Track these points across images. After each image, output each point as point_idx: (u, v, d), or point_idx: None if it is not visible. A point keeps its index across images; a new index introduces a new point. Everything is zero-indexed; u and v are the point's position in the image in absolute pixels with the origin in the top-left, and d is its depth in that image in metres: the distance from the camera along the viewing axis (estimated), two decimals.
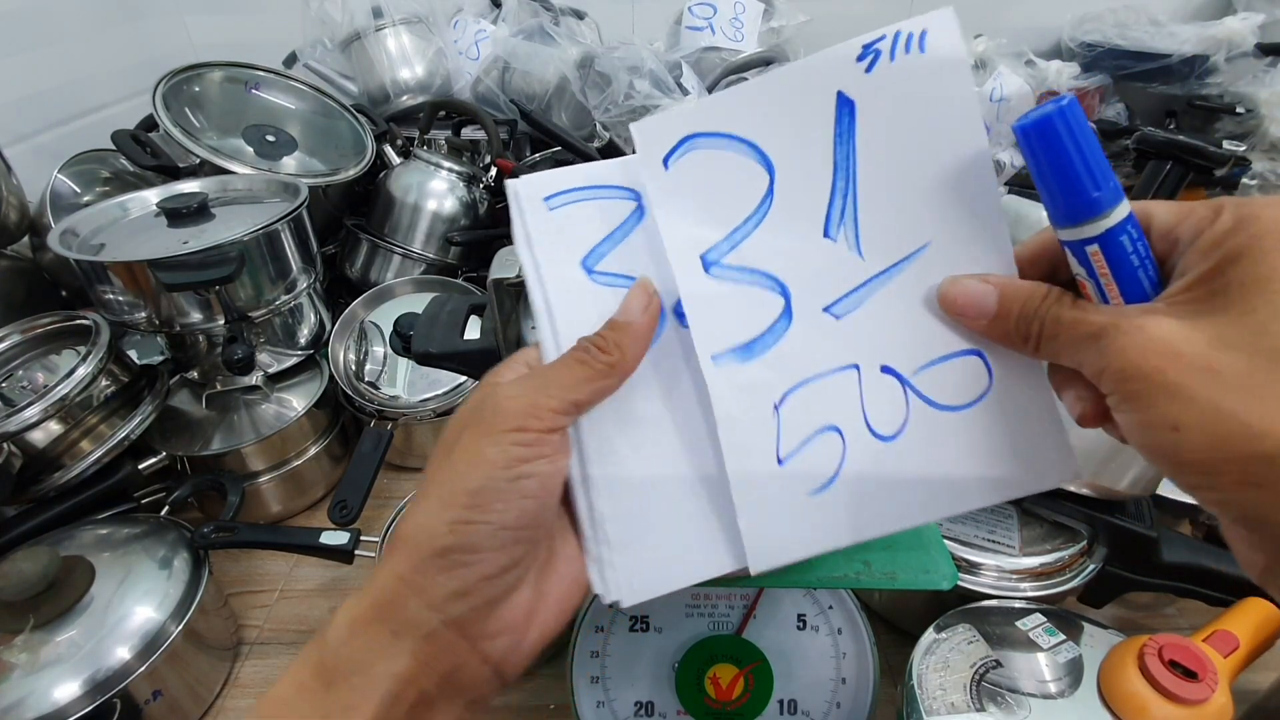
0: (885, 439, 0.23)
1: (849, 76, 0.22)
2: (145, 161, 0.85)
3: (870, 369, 0.23)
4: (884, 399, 0.23)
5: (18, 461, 0.61)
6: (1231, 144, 1.02)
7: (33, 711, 0.48)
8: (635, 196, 0.23)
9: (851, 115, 0.22)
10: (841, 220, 0.22)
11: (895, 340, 0.23)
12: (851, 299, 0.23)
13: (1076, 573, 0.53)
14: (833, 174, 0.22)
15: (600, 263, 0.23)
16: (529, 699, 0.57)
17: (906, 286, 0.23)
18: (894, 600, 0.59)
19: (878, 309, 0.23)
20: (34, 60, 0.98)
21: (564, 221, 0.23)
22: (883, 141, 0.22)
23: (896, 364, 0.23)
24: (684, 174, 0.22)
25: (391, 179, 0.94)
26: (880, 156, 0.22)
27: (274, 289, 0.73)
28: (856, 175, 0.22)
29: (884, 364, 0.23)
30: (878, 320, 0.23)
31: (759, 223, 0.23)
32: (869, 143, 0.22)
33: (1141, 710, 0.39)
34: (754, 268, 0.23)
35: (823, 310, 0.23)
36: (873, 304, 0.23)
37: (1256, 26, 1.13)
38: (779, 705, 0.46)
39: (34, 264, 0.86)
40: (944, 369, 0.23)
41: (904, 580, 0.39)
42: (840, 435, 0.23)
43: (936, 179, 0.22)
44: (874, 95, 0.22)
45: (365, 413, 0.78)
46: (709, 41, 1.19)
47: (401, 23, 1.12)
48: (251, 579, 0.69)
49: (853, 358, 0.23)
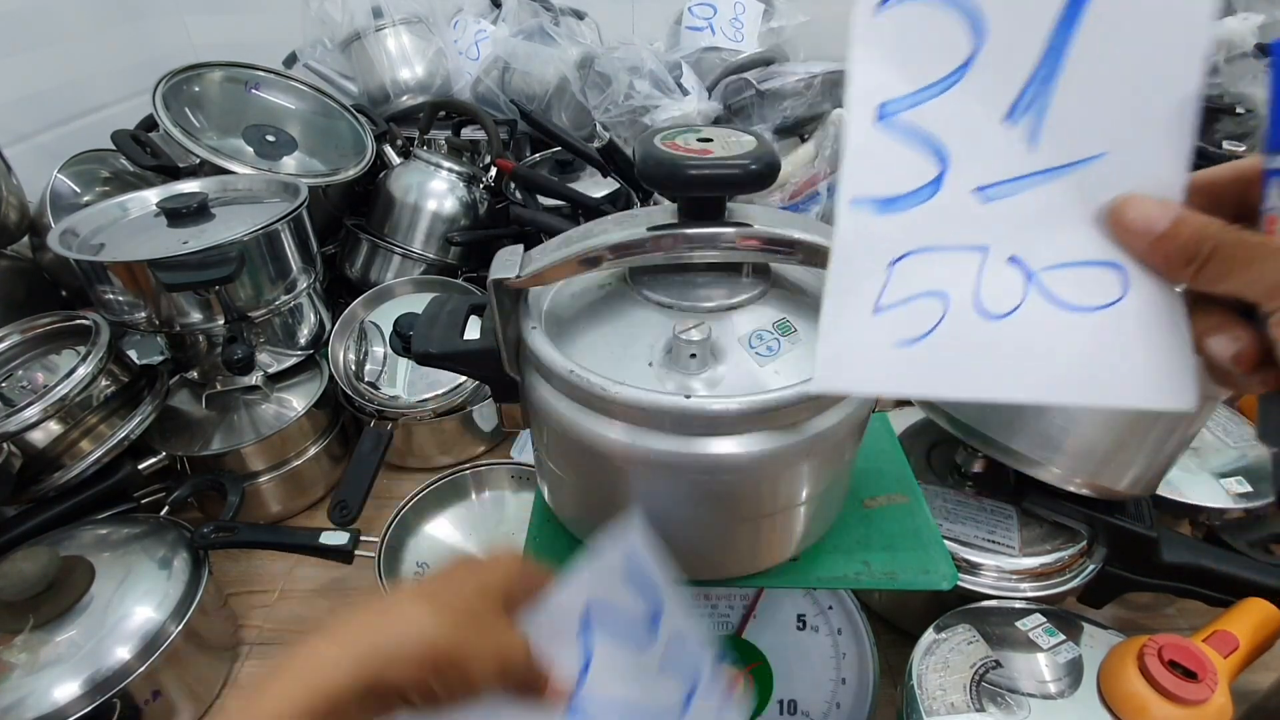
0: (992, 317, 0.24)
1: None
2: (145, 161, 0.85)
3: (998, 255, 0.23)
4: (1001, 283, 0.23)
5: (18, 461, 0.61)
6: (1231, 144, 1.02)
7: (32, 711, 0.48)
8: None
9: (1082, 3, 0.21)
10: (1030, 108, 0.22)
11: (1035, 236, 0.23)
12: (1006, 187, 0.23)
13: (1076, 573, 0.53)
14: (1041, 57, 0.22)
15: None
16: None
17: (1068, 189, 0.23)
18: (894, 600, 0.59)
19: (1028, 203, 0.23)
20: (34, 60, 0.98)
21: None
22: (1102, 40, 0.21)
23: (1028, 258, 0.23)
24: (893, 23, 0.22)
25: (391, 179, 0.94)
26: (1094, 54, 0.22)
27: (274, 289, 0.73)
28: (1063, 66, 0.22)
29: (1013, 254, 0.23)
30: (1024, 213, 0.23)
31: (946, 89, 0.23)
32: (1089, 36, 0.21)
33: (1141, 710, 0.40)
34: (924, 130, 0.23)
35: (973, 190, 0.23)
36: (1025, 197, 0.23)
37: (1256, 27, 1.13)
38: (779, 705, 0.46)
39: (34, 264, 0.86)
40: (1077, 272, 0.23)
41: (904, 580, 0.39)
42: (945, 302, 0.24)
43: (1140, 94, 0.22)
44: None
45: (365, 413, 0.78)
46: (709, 42, 1.19)
47: (401, 23, 1.12)
48: (251, 579, 0.69)
49: (985, 240, 0.23)
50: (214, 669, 0.59)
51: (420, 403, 0.77)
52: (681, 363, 0.32)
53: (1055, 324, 0.23)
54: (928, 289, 0.24)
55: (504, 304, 0.35)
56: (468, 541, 0.65)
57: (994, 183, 0.23)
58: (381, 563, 0.59)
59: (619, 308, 0.36)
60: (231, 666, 0.61)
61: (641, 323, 0.35)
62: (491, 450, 0.84)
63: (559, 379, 0.33)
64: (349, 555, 0.60)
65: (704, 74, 1.18)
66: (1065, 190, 0.23)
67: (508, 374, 0.37)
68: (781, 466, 0.33)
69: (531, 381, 0.36)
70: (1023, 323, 0.23)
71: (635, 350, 0.34)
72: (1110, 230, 0.23)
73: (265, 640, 0.63)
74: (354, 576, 0.67)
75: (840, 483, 0.39)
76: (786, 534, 0.38)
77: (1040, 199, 0.23)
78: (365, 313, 0.83)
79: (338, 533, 0.60)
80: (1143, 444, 0.50)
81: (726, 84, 1.15)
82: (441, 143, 1.03)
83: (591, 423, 0.33)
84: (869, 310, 0.24)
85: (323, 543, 0.60)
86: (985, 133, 0.23)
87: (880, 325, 0.24)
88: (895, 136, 0.23)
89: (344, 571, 0.65)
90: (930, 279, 0.24)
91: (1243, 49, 1.12)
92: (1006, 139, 0.23)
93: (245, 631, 0.64)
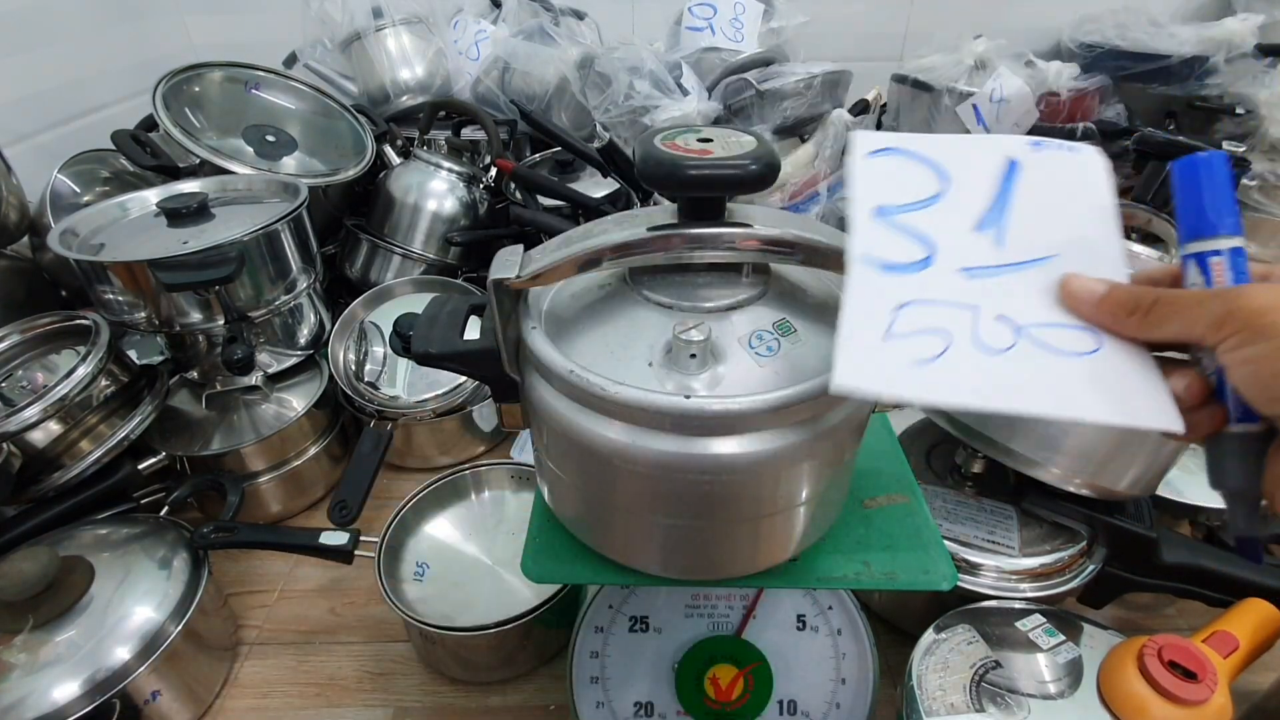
0: (992, 351, 0.27)
1: (1020, 149, 0.31)
2: (145, 161, 0.85)
3: (988, 314, 0.28)
4: (995, 331, 0.28)
5: (17, 461, 0.61)
6: (1231, 145, 1.02)
7: (32, 711, 0.48)
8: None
9: (1015, 170, 0.31)
10: (993, 225, 0.30)
11: (1017, 304, 0.28)
12: (985, 270, 0.29)
13: (1076, 573, 0.54)
14: (994, 198, 0.30)
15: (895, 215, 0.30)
16: (529, 699, 0.57)
17: (1035, 276, 0.29)
18: (894, 600, 0.60)
19: (1006, 283, 0.29)
20: (34, 60, 0.98)
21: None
22: (1034, 190, 0.30)
23: (1014, 318, 0.28)
24: (879, 165, 0.31)
25: (391, 179, 0.95)
26: (1031, 198, 0.30)
27: (274, 289, 0.73)
28: (1011, 204, 0.30)
29: (1001, 314, 0.28)
30: (1004, 289, 0.29)
31: (926, 206, 0.30)
32: (1024, 188, 0.30)
33: (1141, 711, 0.40)
34: (913, 228, 0.30)
35: (958, 270, 0.29)
36: (1003, 279, 0.29)
37: (1256, 27, 1.13)
38: (779, 706, 0.46)
39: (34, 264, 0.86)
40: (1056, 331, 0.28)
41: (904, 580, 0.39)
42: (948, 337, 0.28)
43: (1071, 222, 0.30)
44: (1035, 163, 0.31)
45: (365, 413, 0.78)
46: (709, 42, 1.19)
47: (401, 23, 1.12)
48: (251, 579, 0.69)
49: (975, 302, 0.28)
50: (214, 669, 0.59)
51: (420, 403, 0.77)
52: (681, 363, 0.32)
53: (1046, 359, 0.27)
54: (932, 328, 0.28)
55: (504, 304, 0.35)
56: (468, 542, 0.65)
57: (976, 266, 0.29)
58: (381, 563, 0.59)
59: (619, 308, 0.36)
60: (231, 667, 0.61)
61: (641, 323, 0.35)
62: (491, 450, 0.84)
63: (559, 379, 0.33)
64: (349, 555, 0.60)
65: (704, 74, 1.18)
66: (1034, 276, 0.29)
67: (508, 374, 0.37)
68: (781, 467, 0.33)
69: (531, 381, 0.36)
70: (1019, 356, 0.27)
71: (635, 350, 0.34)
72: (1067, 304, 0.28)
73: (265, 640, 0.63)
74: (354, 576, 0.67)
75: (840, 483, 0.39)
76: (786, 534, 0.38)
77: (1015, 281, 0.29)
78: (365, 313, 0.83)
79: (337, 533, 0.60)
80: (1142, 445, 0.50)
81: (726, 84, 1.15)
82: (441, 143, 1.03)
83: (591, 423, 0.33)
84: (880, 336, 0.28)
85: (322, 543, 0.60)
86: (962, 234, 0.30)
87: (893, 348, 0.27)
88: (891, 228, 0.30)
89: (344, 571, 0.65)
90: (933, 321, 0.28)
91: (1243, 49, 1.13)
92: (979, 240, 0.30)
93: (245, 631, 0.64)
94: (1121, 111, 1.22)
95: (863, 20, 1.31)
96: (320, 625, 0.65)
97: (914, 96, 1.21)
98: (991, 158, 0.31)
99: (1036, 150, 0.31)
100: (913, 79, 1.19)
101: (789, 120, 1.12)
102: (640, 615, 0.47)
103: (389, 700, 0.58)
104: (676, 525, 0.36)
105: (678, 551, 0.38)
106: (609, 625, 0.47)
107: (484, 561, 0.63)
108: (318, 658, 0.62)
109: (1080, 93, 1.17)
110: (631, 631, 0.47)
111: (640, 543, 0.38)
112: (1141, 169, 1.04)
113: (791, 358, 0.33)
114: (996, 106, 1.12)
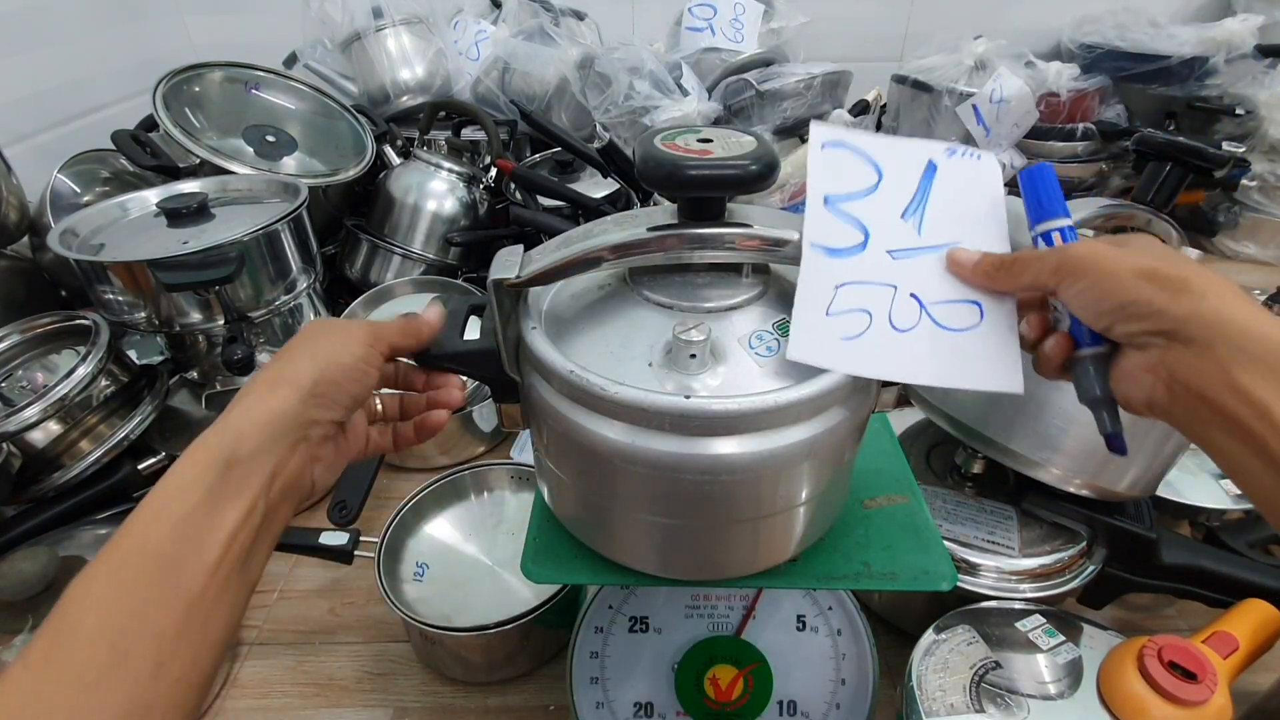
0: (898, 330, 0.34)
1: (938, 153, 0.38)
2: (145, 161, 0.85)
3: (903, 292, 0.35)
4: (904, 310, 0.35)
5: (17, 461, 0.61)
6: (1231, 145, 1.02)
7: None
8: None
9: (934, 171, 0.37)
10: (915, 213, 0.37)
11: (926, 282, 0.35)
12: (906, 252, 0.36)
13: (1076, 574, 0.53)
14: (916, 191, 0.37)
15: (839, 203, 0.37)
16: (529, 699, 0.57)
17: (940, 258, 0.36)
18: (894, 601, 0.59)
19: (920, 264, 0.36)
20: (34, 60, 0.98)
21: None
22: (946, 187, 0.37)
23: (922, 295, 0.35)
24: (830, 156, 0.37)
25: (391, 179, 0.95)
26: (943, 193, 0.37)
27: (274, 289, 0.73)
28: (929, 198, 0.37)
29: (913, 292, 0.35)
30: (918, 269, 0.35)
31: (864, 196, 0.36)
32: (939, 185, 0.37)
33: (1141, 711, 0.40)
34: (853, 215, 0.36)
35: (886, 251, 0.36)
36: (919, 259, 0.36)
37: (1256, 28, 1.13)
38: (778, 706, 0.46)
39: (34, 264, 0.86)
40: (953, 306, 0.35)
41: (904, 581, 0.39)
42: (870, 316, 0.34)
43: (971, 211, 0.37)
44: (949, 165, 0.38)
45: None
46: (709, 42, 1.19)
47: (401, 23, 1.12)
48: None
49: (894, 281, 0.35)
50: None
51: None
52: (681, 363, 0.32)
53: (939, 339, 0.34)
54: (859, 307, 0.34)
55: (504, 304, 0.35)
56: (468, 542, 0.65)
57: (898, 249, 0.36)
58: (381, 563, 0.59)
59: (619, 308, 0.36)
60: (231, 666, 0.61)
61: (641, 323, 0.35)
62: (491, 450, 0.84)
63: (559, 379, 0.33)
64: (349, 555, 0.60)
65: (704, 75, 1.18)
66: (939, 258, 0.36)
67: (508, 374, 0.37)
68: (781, 467, 0.33)
69: (531, 382, 0.36)
70: (917, 336, 0.34)
71: (635, 350, 0.34)
72: (952, 270, 0.36)
73: (265, 640, 0.63)
74: (353, 577, 0.67)
75: (840, 483, 0.39)
76: (786, 534, 0.38)
77: (927, 262, 0.36)
78: (365, 313, 0.83)
79: (337, 533, 0.60)
80: (1142, 445, 0.50)
81: (726, 85, 1.15)
82: (441, 143, 1.03)
83: (591, 423, 0.33)
84: (823, 315, 0.34)
85: (322, 543, 0.60)
86: (891, 221, 0.36)
87: (830, 324, 0.34)
88: (835, 215, 0.36)
89: (343, 572, 0.65)
90: (860, 300, 0.34)
91: (1243, 50, 1.13)
92: (904, 226, 0.36)
93: (244, 632, 0.64)
94: (1121, 112, 1.22)
95: (863, 21, 1.31)
96: (320, 625, 0.65)
97: (914, 97, 1.21)
98: (916, 157, 0.38)
99: (950, 155, 0.38)
100: (913, 79, 1.20)
101: (789, 120, 1.12)
102: (640, 615, 0.47)
103: (389, 700, 0.58)
104: (676, 525, 0.36)
105: (677, 552, 0.38)
106: (609, 625, 0.47)
107: (484, 562, 0.63)
108: (317, 658, 0.62)
109: (1080, 93, 1.17)
110: (631, 632, 0.47)
111: (640, 543, 0.38)
112: (1141, 169, 1.05)
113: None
114: (996, 107, 1.12)
